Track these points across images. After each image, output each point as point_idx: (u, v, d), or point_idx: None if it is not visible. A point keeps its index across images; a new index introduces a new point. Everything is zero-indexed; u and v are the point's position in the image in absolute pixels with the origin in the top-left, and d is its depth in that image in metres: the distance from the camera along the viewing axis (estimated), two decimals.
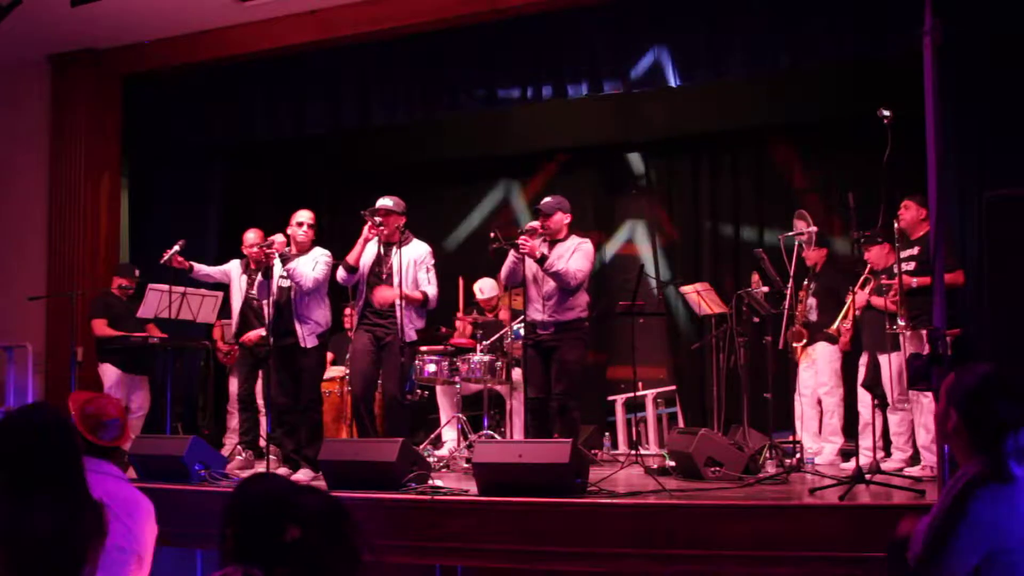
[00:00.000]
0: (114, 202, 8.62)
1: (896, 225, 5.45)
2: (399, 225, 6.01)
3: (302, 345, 6.09)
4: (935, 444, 5.49)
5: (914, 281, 5.55)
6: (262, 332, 6.55)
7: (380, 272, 6.04)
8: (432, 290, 6.04)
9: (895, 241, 5.34)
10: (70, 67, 8.47)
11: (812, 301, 6.66)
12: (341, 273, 6.07)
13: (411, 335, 5.98)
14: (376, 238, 6.07)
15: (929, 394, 5.35)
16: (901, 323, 5.42)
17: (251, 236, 6.99)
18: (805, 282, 6.68)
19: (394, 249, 5.97)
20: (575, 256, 6.03)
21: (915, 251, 5.77)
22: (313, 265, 6.12)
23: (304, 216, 6.29)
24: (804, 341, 6.61)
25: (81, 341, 7.68)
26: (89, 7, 7.36)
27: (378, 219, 5.92)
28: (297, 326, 6.09)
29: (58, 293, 8.03)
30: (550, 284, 5.96)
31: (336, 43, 7.67)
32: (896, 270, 5.37)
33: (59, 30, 7.88)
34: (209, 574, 2.32)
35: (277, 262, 6.21)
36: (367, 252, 6.08)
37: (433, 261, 6.15)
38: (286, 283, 6.19)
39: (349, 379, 6.39)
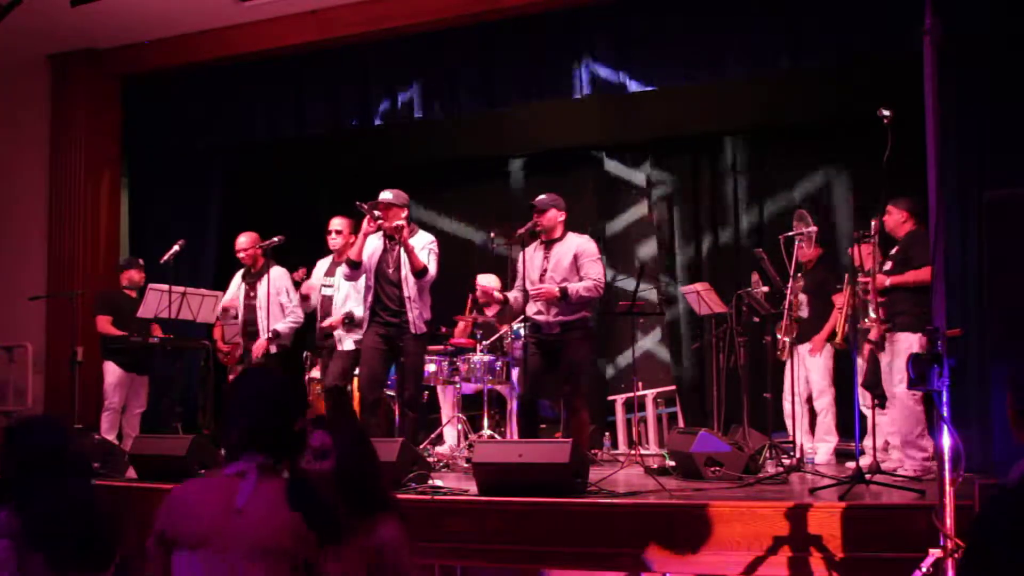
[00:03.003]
0: (114, 202, 8.62)
1: (875, 229, 5.50)
2: (402, 218, 6.02)
3: (339, 347, 6.50)
4: (912, 447, 5.53)
5: (887, 280, 5.59)
6: (268, 338, 6.81)
7: (387, 266, 6.04)
8: (431, 266, 6.03)
9: (879, 242, 5.41)
10: (70, 67, 8.47)
11: (803, 298, 6.67)
12: (345, 270, 6.10)
13: (422, 327, 5.99)
14: (380, 232, 6.05)
15: (916, 395, 5.37)
16: (872, 316, 5.43)
17: (243, 240, 6.99)
18: (798, 278, 6.67)
19: (399, 242, 5.97)
20: (589, 265, 5.92)
21: (894, 250, 5.81)
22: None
23: (336, 223, 6.70)
24: (794, 335, 6.60)
25: (81, 341, 7.67)
26: (89, 7, 7.36)
27: (376, 212, 5.93)
28: (337, 331, 6.53)
29: (58, 293, 8.03)
30: (552, 284, 5.91)
31: (336, 43, 7.66)
32: (875, 268, 5.45)
33: (59, 30, 7.88)
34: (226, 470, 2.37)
35: (320, 268, 6.74)
36: (373, 247, 6.07)
37: (436, 248, 6.15)
38: (329, 291, 6.58)
39: (359, 378, 6.43)
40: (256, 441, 2.29)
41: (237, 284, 7.12)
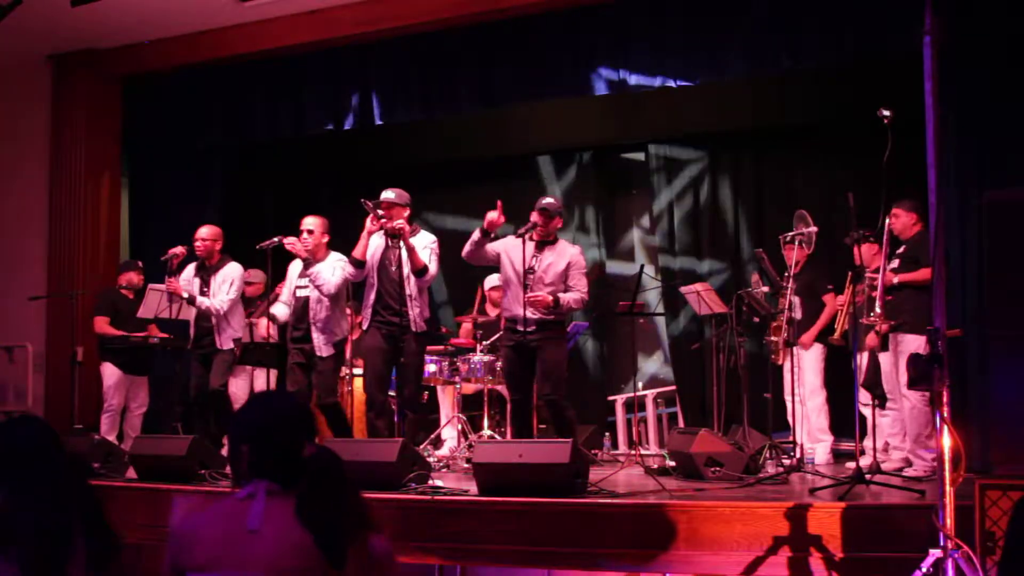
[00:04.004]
0: (114, 202, 8.63)
1: (887, 230, 5.51)
2: (404, 217, 5.99)
3: (318, 353, 6.26)
4: (922, 448, 5.55)
5: (896, 278, 5.61)
6: (183, 294, 6.68)
7: (389, 264, 6.03)
8: (432, 266, 6.00)
9: (882, 243, 5.43)
10: (70, 67, 8.47)
11: (795, 300, 6.67)
12: (349, 268, 6.08)
13: (422, 325, 5.97)
14: (382, 231, 6.05)
15: (925, 395, 5.37)
16: (878, 311, 5.46)
17: (204, 231, 6.87)
18: (787, 282, 6.67)
19: (401, 241, 5.96)
20: (578, 277, 5.93)
21: (901, 249, 5.81)
22: (332, 271, 6.22)
23: (308, 223, 6.42)
24: (787, 337, 6.60)
25: (81, 341, 7.68)
26: (89, 7, 7.36)
27: (380, 212, 5.91)
28: (314, 334, 6.28)
29: (58, 293, 8.03)
30: (540, 286, 5.89)
31: (336, 43, 7.67)
32: (884, 265, 5.48)
33: (59, 30, 7.88)
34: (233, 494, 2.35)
35: (293, 269, 6.47)
36: (375, 246, 6.06)
37: (437, 248, 6.12)
38: (304, 291, 6.38)
39: (364, 379, 6.36)
40: (263, 469, 2.28)
41: (190, 275, 6.91)
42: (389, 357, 6.01)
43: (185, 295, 6.67)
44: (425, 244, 6.06)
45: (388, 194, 6.06)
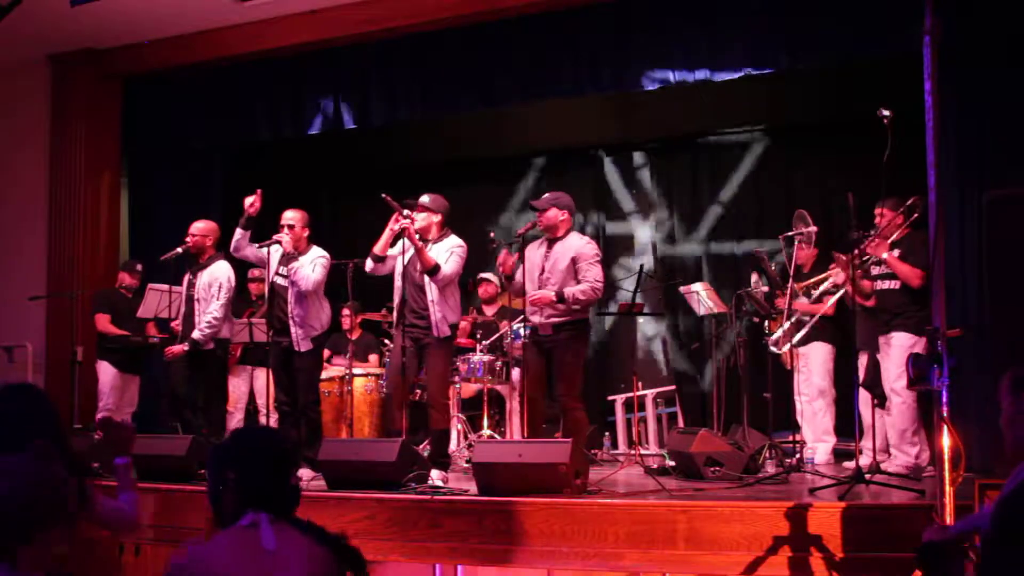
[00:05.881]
0: (114, 202, 8.63)
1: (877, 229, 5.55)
2: (434, 223, 5.93)
3: (296, 348, 6.14)
4: (906, 444, 5.56)
5: (885, 254, 5.62)
6: (185, 347, 6.47)
7: (413, 268, 5.97)
8: (446, 266, 5.84)
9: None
10: (70, 67, 8.48)
11: (804, 300, 6.66)
12: (369, 263, 6.01)
13: (445, 331, 5.87)
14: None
15: (908, 392, 5.38)
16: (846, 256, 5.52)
17: (199, 225, 6.70)
18: (795, 282, 6.65)
19: (428, 245, 5.90)
20: (587, 268, 5.78)
21: (896, 253, 5.81)
22: (312, 267, 6.15)
23: (288, 217, 6.31)
24: (783, 329, 6.59)
25: (81, 341, 7.68)
26: (89, 7, 7.36)
27: (406, 212, 5.82)
28: (292, 329, 6.15)
29: (58, 293, 8.03)
30: (549, 285, 5.85)
31: (336, 43, 7.67)
32: (875, 238, 5.54)
33: (59, 30, 7.89)
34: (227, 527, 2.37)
35: (275, 257, 6.29)
36: (404, 248, 5.98)
37: (461, 252, 5.95)
38: (282, 280, 6.26)
39: (385, 378, 6.28)
40: (255, 501, 2.30)
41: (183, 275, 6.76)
42: (411, 358, 5.93)
43: (187, 347, 6.49)
44: (449, 247, 5.94)
45: (423, 198, 5.99)
